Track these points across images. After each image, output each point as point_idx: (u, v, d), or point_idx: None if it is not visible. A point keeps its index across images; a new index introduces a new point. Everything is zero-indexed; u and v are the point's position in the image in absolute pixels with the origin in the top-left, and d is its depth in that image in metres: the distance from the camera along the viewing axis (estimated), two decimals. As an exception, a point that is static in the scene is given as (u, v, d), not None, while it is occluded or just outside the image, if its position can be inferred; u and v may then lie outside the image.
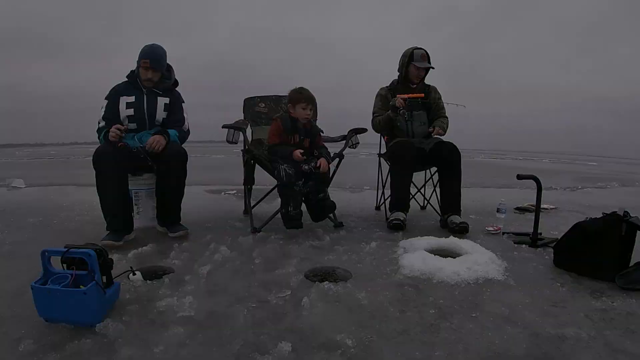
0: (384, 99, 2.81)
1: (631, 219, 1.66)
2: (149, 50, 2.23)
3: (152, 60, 2.22)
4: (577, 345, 1.15)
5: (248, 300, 1.42)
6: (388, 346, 1.13)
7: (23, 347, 1.09)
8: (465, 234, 2.36)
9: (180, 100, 2.41)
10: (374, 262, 1.84)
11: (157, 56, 2.25)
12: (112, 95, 2.25)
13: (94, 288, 1.20)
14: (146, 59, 2.21)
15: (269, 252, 1.96)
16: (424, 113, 2.79)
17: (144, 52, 2.23)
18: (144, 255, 1.91)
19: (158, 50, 2.25)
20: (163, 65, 2.30)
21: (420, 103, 2.74)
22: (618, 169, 12.62)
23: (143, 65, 2.22)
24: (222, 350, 1.10)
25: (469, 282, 1.59)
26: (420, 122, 2.76)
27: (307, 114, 2.33)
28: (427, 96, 2.78)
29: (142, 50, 2.24)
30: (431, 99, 2.80)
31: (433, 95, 2.83)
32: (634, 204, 4.06)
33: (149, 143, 2.10)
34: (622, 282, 1.56)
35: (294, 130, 2.35)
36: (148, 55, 2.22)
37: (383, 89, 2.86)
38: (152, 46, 2.25)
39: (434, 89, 2.87)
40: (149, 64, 2.21)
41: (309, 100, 2.31)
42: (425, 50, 2.71)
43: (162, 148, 2.10)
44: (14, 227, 2.45)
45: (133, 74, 2.30)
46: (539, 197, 2.18)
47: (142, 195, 2.43)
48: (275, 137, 2.35)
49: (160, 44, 2.29)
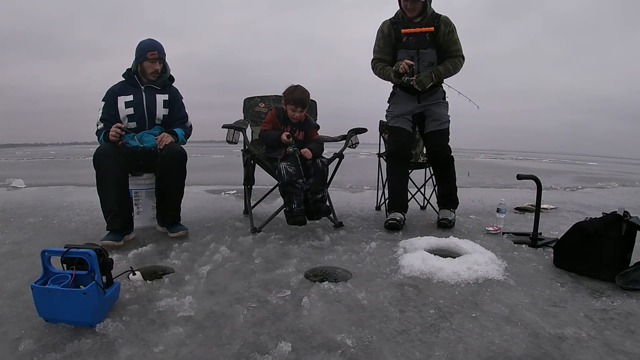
0: (386, 38, 2.51)
1: (631, 219, 1.66)
2: (153, 42, 2.26)
3: (160, 51, 2.25)
4: (577, 345, 1.15)
5: (248, 300, 1.42)
6: (388, 346, 1.13)
7: (23, 347, 1.09)
8: (449, 229, 2.51)
9: (179, 96, 2.42)
10: (374, 262, 1.84)
11: (161, 47, 2.28)
12: (109, 96, 2.24)
13: (94, 288, 1.20)
14: (153, 51, 2.23)
15: (269, 252, 1.96)
16: (432, 51, 2.45)
17: (148, 45, 2.24)
18: (144, 255, 1.91)
19: (159, 43, 2.28)
20: (165, 56, 2.32)
21: (427, 38, 2.41)
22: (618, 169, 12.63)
23: (151, 57, 2.22)
24: (222, 350, 1.10)
25: (469, 282, 1.59)
26: (429, 61, 2.46)
27: (295, 116, 2.36)
28: (437, 30, 2.40)
29: (142, 44, 2.25)
30: (441, 34, 2.42)
31: (443, 30, 2.42)
32: (634, 204, 4.07)
33: (160, 138, 2.16)
34: (622, 282, 1.56)
35: (285, 122, 2.40)
36: (154, 47, 2.24)
37: (385, 23, 2.51)
38: (151, 39, 2.28)
39: (444, 21, 2.43)
40: (157, 55, 2.23)
41: (297, 103, 2.33)
42: None
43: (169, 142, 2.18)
44: (14, 227, 2.45)
45: (130, 72, 2.30)
46: (539, 197, 2.18)
47: (142, 195, 2.43)
48: (267, 123, 2.43)
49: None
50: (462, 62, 2.49)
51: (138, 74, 2.28)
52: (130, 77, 2.29)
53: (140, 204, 2.43)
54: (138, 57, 2.25)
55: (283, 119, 2.40)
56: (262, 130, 2.45)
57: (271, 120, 2.42)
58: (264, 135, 2.41)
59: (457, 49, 2.48)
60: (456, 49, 2.47)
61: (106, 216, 2.07)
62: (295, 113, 2.35)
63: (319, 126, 2.54)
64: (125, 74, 2.30)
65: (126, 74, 2.30)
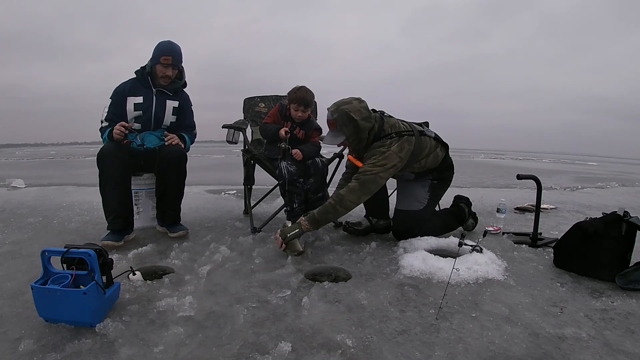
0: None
1: (631, 219, 1.66)
2: (170, 47, 2.17)
3: (174, 57, 2.17)
4: (577, 345, 1.15)
5: (248, 300, 1.42)
6: (388, 346, 1.13)
7: (23, 347, 1.09)
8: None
9: (189, 103, 2.38)
10: (374, 262, 1.84)
11: (177, 53, 2.19)
12: (118, 95, 2.18)
13: (94, 288, 1.20)
14: (167, 56, 2.14)
15: (269, 252, 1.96)
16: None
17: (164, 48, 2.16)
18: (144, 255, 1.91)
19: (177, 47, 2.19)
20: (181, 63, 2.24)
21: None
22: (618, 169, 12.63)
23: (164, 61, 2.15)
24: (222, 350, 1.10)
25: (469, 282, 1.59)
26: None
27: (298, 115, 2.36)
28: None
29: (159, 46, 2.16)
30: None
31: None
32: (634, 204, 4.07)
33: (170, 138, 2.16)
34: (622, 282, 1.56)
35: (286, 118, 2.41)
36: (170, 51, 2.16)
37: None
38: (170, 42, 2.18)
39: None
40: (171, 61, 2.15)
41: (300, 102, 2.33)
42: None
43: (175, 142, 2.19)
44: (14, 227, 2.45)
45: (144, 70, 2.22)
46: (539, 197, 2.18)
47: (142, 195, 2.43)
48: (269, 117, 2.46)
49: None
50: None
51: (152, 75, 2.22)
52: (143, 76, 2.22)
53: (140, 204, 2.43)
54: (153, 58, 2.18)
55: (285, 115, 2.41)
56: (262, 123, 2.46)
57: (273, 115, 2.44)
58: (264, 127, 2.43)
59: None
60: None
61: (107, 216, 2.07)
62: (297, 112, 2.35)
63: (321, 129, 2.53)
64: (138, 72, 2.22)
65: (139, 72, 2.22)
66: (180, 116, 2.32)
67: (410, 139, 2.00)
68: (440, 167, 2.17)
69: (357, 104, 1.97)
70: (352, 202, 1.89)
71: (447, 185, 2.25)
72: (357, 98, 2.02)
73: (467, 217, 2.39)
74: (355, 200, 1.89)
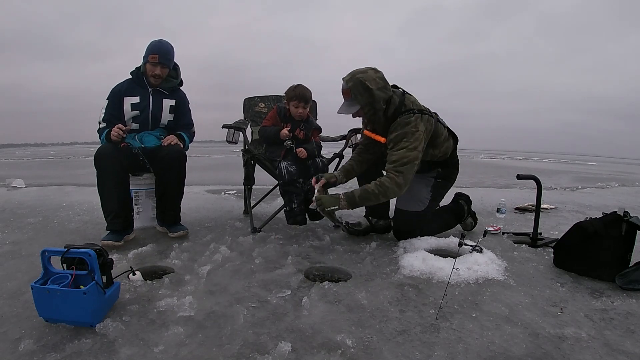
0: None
1: (631, 219, 1.66)
2: (158, 45, 2.18)
3: (161, 56, 2.17)
4: (577, 345, 1.15)
5: (248, 300, 1.42)
6: (388, 346, 1.13)
7: (23, 347, 1.09)
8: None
9: (186, 101, 2.38)
10: (374, 262, 1.84)
11: (166, 52, 2.19)
12: (114, 96, 2.20)
13: (94, 288, 1.20)
14: (155, 54, 2.15)
15: (269, 252, 1.96)
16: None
17: (152, 47, 2.17)
18: (144, 255, 1.91)
19: (166, 46, 2.20)
20: (171, 62, 2.25)
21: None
22: (618, 169, 12.63)
23: (151, 60, 2.16)
24: (222, 350, 1.10)
25: (469, 282, 1.59)
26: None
27: (299, 112, 2.34)
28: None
29: (150, 45, 2.18)
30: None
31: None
32: (634, 204, 4.07)
33: (167, 140, 2.14)
34: (622, 282, 1.56)
35: (286, 120, 2.39)
36: (157, 50, 2.16)
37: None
38: (160, 41, 2.19)
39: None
40: (158, 59, 2.16)
41: (300, 98, 2.32)
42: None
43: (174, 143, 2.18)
44: (14, 227, 2.45)
45: (138, 71, 2.24)
46: (539, 197, 2.18)
47: (142, 195, 2.43)
48: (268, 120, 2.44)
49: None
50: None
51: (146, 75, 2.22)
52: (138, 76, 2.23)
53: (140, 204, 2.43)
54: (144, 57, 2.20)
55: (284, 117, 2.40)
56: (261, 127, 2.44)
57: (272, 118, 2.42)
58: (263, 131, 2.41)
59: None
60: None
61: (106, 216, 2.07)
62: (298, 109, 2.33)
63: (320, 128, 2.54)
64: (133, 72, 2.24)
65: (134, 73, 2.24)
66: (177, 114, 2.32)
67: (430, 119, 1.99)
68: (448, 162, 2.15)
69: (372, 73, 1.95)
70: (394, 194, 1.91)
71: (450, 184, 2.24)
72: (373, 68, 1.99)
73: (467, 214, 2.39)
74: (399, 191, 1.90)
